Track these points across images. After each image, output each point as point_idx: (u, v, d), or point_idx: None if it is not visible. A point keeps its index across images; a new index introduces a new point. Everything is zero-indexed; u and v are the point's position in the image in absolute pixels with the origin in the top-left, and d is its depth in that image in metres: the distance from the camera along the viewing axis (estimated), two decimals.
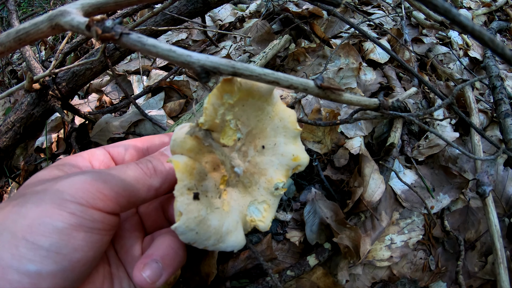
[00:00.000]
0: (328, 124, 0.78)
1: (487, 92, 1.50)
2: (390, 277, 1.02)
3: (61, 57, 1.02)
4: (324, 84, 0.38)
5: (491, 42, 0.30)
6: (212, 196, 0.39)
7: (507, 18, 2.12)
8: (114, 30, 0.31)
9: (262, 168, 0.43)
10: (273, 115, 0.43)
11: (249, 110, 0.41)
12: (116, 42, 0.32)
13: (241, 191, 0.42)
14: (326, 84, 0.38)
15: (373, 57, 1.55)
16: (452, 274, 1.03)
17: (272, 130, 0.43)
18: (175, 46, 0.33)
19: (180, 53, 0.33)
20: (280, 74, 0.37)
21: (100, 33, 0.31)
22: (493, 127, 1.33)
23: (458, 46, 1.77)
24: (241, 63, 0.34)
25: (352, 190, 1.07)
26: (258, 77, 0.35)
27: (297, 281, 0.99)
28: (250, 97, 0.41)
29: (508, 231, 1.06)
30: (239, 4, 2.16)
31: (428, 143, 1.23)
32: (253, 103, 0.41)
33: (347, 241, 0.97)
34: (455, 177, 1.15)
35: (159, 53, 0.32)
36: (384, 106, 0.47)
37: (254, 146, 0.43)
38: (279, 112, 0.43)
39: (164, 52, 0.32)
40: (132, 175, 0.39)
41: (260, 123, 0.43)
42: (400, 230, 1.07)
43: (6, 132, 1.07)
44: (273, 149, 0.43)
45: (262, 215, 0.43)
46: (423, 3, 0.29)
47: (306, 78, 0.43)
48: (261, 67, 0.36)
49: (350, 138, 1.23)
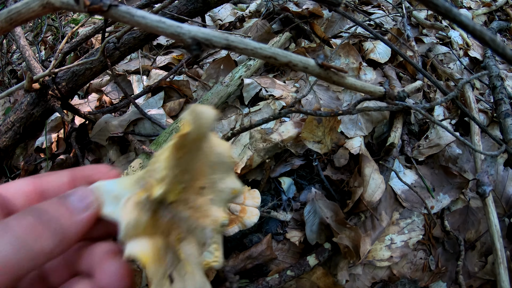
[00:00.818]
0: (329, 115, 0.75)
1: (487, 92, 1.50)
2: (390, 277, 1.02)
3: (61, 57, 1.02)
4: (325, 63, 0.36)
5: (492, 42, 0.30)
6: (177, 263, 0.35)
7: (507, 18, 2.12)
8: (103, 2, 0.30)
9: (205, 210, 0.40)
10: (210, 152, 0.40)
11: (189, 154, 0.37)
12: (105, 15, 0.30)
13: (191, 241, 0.39)
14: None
15: (373, 57, 1.55)
16: (452, 274, 1.03)
17: (209, 167, 0.40)
18: (165, 18, 0.32)
19: (170, 24, 0.31)
20: (278, 50, 0.35)
21: (88, 5, 0.30)
22: (493, 127, 1.33)
23: (458, 46, 1.77)
24: (235, 36, 0.33)
25: (352, 190, 1.07)
26: (253, 51, 0.33)
27: (297, 281, 0.99)
28: (192, 140, 0.36)
29: (508, 231, 1.06)
30: (239, 4, 2.16)
31: (428, 143, 1.23)
32: (193, 145, 0.37)
33: (347, 241, 0.97)
34: (455, 177, 1.15)
35: (148, 25, 0.31)
36: (390, 96, 0.45)
37: (194, 189, 0.40)
38: (215, 147, 0.40)
39: (153, 23, 0.31)
40: (10, 238, 0.27)
41: (198, 163, 0.39)
42: (400, 230, 1.07)
43: (6, 132, 1.07)
44: (212, 188, 0.40)
45: (215, 255, 0.41)
46: (424, 3, 0.29)
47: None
48: (258, 42, 0.34)
49: (350, 138, 1.23)
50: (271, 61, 0.34)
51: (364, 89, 0.43)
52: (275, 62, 0.35)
